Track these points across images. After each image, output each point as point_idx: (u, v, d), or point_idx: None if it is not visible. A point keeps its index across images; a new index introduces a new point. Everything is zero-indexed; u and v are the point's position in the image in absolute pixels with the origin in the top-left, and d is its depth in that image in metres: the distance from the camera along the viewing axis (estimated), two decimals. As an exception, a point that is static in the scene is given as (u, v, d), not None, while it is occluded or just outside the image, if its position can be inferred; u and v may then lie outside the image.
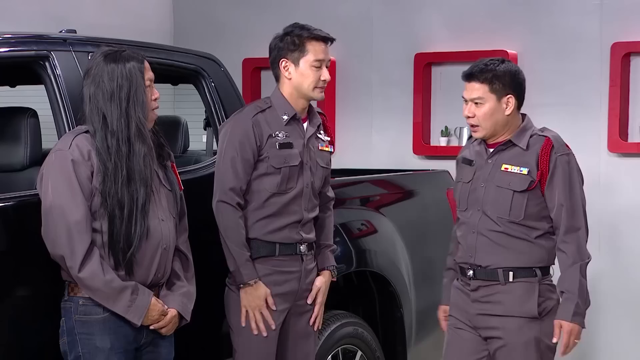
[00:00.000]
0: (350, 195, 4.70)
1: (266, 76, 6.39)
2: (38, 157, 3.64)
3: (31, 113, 3.74)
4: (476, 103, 3.68)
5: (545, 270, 3.73)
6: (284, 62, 3.89)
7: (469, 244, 3.74)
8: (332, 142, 4.09)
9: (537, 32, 5.76)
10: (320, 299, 4.03)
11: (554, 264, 3.75)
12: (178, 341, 3.59)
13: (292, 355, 3.99)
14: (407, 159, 6.08)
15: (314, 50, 3.85)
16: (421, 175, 5.33)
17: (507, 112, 3.69)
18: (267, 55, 3.93)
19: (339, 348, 4.50)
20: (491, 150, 3.75)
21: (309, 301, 4.01)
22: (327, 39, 3.89)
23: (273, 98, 3.94)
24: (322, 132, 4.03)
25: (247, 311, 3.86)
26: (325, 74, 3.87)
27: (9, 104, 3.99)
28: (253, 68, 6.44)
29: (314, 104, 4.10)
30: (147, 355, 3.48)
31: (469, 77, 3.70)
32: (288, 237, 3.89)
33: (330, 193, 4.12)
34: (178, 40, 6.74)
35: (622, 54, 5.48)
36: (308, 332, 4.01)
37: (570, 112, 5.68)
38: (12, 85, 4.67)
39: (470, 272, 3.74)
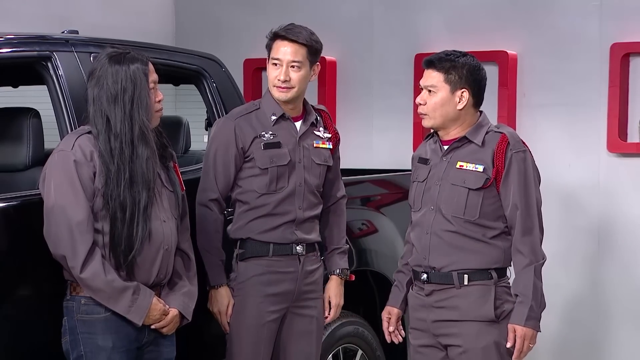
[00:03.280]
0: (350, 195, 4.70)
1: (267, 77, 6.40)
2: (40, 157, 3.66)
3: (33, 113, 3.75)
4: (429, 91, 3.61)
5: (502, 272, 3.62)
6: (267, 61, 3.92)
7: (422, 245, 3.64)
8: (332, 139, 4.05)
9: (537, 32, 5.77)
10: (334, 302, 4.05)
11: (510, 266, 3.65)
12: (179, 340, 3.61)
13: (292, 356, 3.99)
14: (408, 159, 6.04)
15: (274, 49, 3.85)
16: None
17: (459, 106, 3.60)
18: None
19: (340, 347, 4.52)
20: (446, 147, 3.65)
21: (325, 313, 4.06)
22: (291, 40, 3.83)
23: (263, 99, 3.97)
24: (320, 129, 4.02)
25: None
26: (280, 74, 3.82)
27: (12, 104, 4.00)
28: (254, 68, 6.45)
29: (313, 99, 4.09)
30: (148, 355, 3.50)
31: (428, 64, 3.64)
32: (282, 237, 3.89)
33: (340, 192, 4.11)
34: (179, 40, 6.75)
35: (621, 55, 5.48)
36: (309, 333, 4.01)
37: (569, 112, 5.68)
38: (15, 86, 4.68)
39: (424, 276, 3.63)
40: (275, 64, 3.85)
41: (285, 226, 3.90)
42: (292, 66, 3.84)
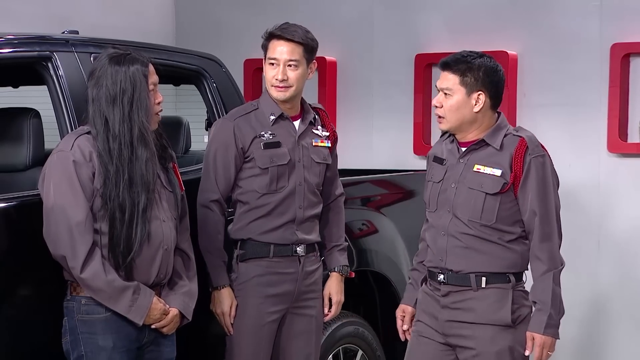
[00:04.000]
0: (351, 195, 4.70)
1: (267, 77, 6.41)
2: (41, 158, 3.66)
3: (34, 114, 3.75)
4: (445, 94, 3.54)
5: (519, 277, 3.56)
6: (263, 62, 3.92)
7: (439, 247, 3.57)
8: (330, 137, 4.05)
9: (537, 32, 5.77)
10: (335, 299, 4.07)
11: (527, 270, 3.60)
12: (179, 340, 3.61)
13: (292, 356, 4.00)
14: (408, 159, 6.09)
15: (270, 49, 3.86)
16: (422, 175, 5.26)
17: (476, 109, 3.52)
18: (268, 56, 3.96)
19: (340, 347, 4.52)
20: (463, 149, 3.57)
21: (325, 311, 4.06)
22: (286, 39, 3.83)
23: (261, 99, 3.97)
24: (319, 127, 4.02)
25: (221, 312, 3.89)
26: (277, 73, 3.83)
27: (12, 104, 4.01)
28: (254, 69, 6.46)
29: (313, 99, 4.09)
30: (149, 354, 3.50)
31: (443, 65, 3.57)
32: (283, 238, 3.89)
33: (338, 190, 4.11)
34: (180, 41, 6.75)
35: (621, 55, 5.48)
36: (308, 332, 4.01)
37: (569, 112, 5.68)
38: (15, 86, 4.69)
39: (441, 277, 3.56)
40: (272, 64, 3.86)
41: (286, 226, 3.89)
42: (290, 65, 3.84)
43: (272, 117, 3.90)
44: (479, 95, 3.53)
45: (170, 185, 3.54)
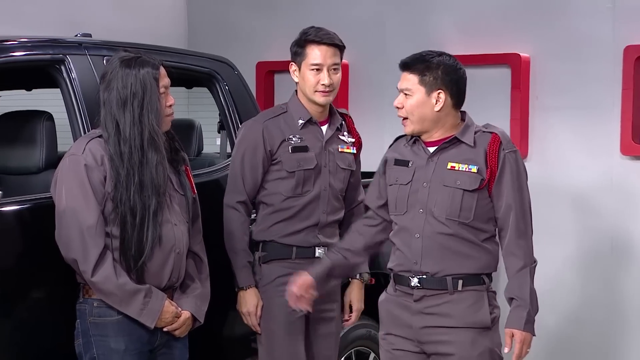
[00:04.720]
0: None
1: (279, 79, 6.40)
2: (54, 160, 3.67)
3: (47, 116, 3.77)
4: (405, 94, 3.51)
5: (490, 278, 3.52)
6: (292, 66, 3.93)
7: (413, 249, 3.47)
8: (356, 144, 4.07)
9: (550, 34, 5.76)
10: (356, 307, 4.09)
11: (495, 271, 3.54)
12: (192, 342, 3.61)
13: (313, 358, 4.01)
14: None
15: (312, 54, 3.87)
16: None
17: (437, 107, 3.46)
18: (280, 59, 3.96)
19: (352, 350, 4.52)
20: (431, 149, 3.51)
21: (346, 317, 4.08)
22: (327, 43, 3.86)
23: (290, 102, 3.98)
24: (345, 133, 4.04)
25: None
26: (324, 78, 3.85)
27: (25, 107, 4.02)
28: (266, 71, 6.45)
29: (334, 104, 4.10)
30: (161, 357, 3.51)
31: (403, 66, 3.55)
32: (305, 241, 3.91)
33: (360, 196, 4.11)
34: (192, 43, 6.76)
35: (634, 57, 5.46)
36: (329, 335, 4.03)
37: (582, 115, 5.67)
38: (29, 89, 4.70)
39: (415, 281, 3.47)
40: (314, 69, 3.86)
41: (308, 230, 3.92)
42: (333, 69, 3.88)
43: (301, 121, 3.93)
44: (439, 94, 3.48)
45: (182, 188, 3.54)
